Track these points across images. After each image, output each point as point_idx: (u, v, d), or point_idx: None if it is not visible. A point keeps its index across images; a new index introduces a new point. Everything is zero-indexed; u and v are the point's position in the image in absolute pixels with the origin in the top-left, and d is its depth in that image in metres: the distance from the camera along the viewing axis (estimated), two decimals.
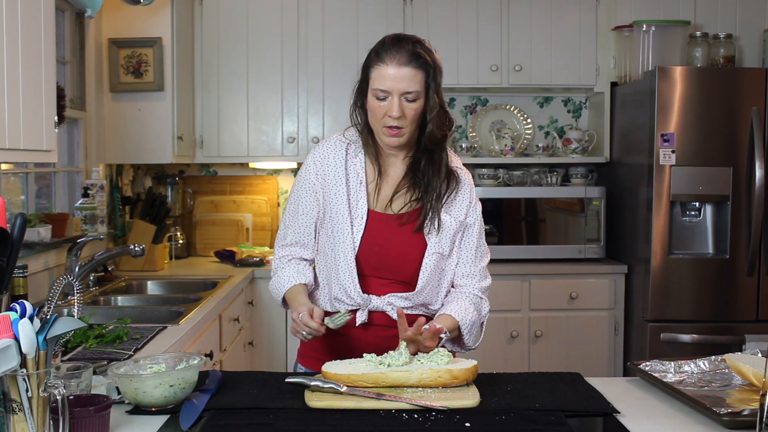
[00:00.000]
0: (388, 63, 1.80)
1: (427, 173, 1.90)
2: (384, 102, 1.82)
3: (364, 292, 1.90)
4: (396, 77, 1.79)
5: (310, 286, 1.98)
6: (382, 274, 1.91)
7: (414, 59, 1.80)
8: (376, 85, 1.82)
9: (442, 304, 1.96)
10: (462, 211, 1.95)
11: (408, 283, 1.91)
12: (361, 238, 1.90)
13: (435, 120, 1.85)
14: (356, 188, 1.93)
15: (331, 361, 1.72)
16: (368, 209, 1.92)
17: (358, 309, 1.91)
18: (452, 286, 1.99)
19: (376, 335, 1.92)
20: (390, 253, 1.90)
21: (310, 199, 1.97)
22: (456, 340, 1.93)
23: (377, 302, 1.91)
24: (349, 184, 1.93)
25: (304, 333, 1.77)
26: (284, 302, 1.99)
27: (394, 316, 1.89)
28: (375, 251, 1.90)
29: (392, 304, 1.91)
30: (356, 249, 1.89)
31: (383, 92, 1.81)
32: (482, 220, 2.00)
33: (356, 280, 1.89)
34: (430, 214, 1.90)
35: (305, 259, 2.02)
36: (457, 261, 1.96)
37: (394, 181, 1.93)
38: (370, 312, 1.92)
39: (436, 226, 1.90)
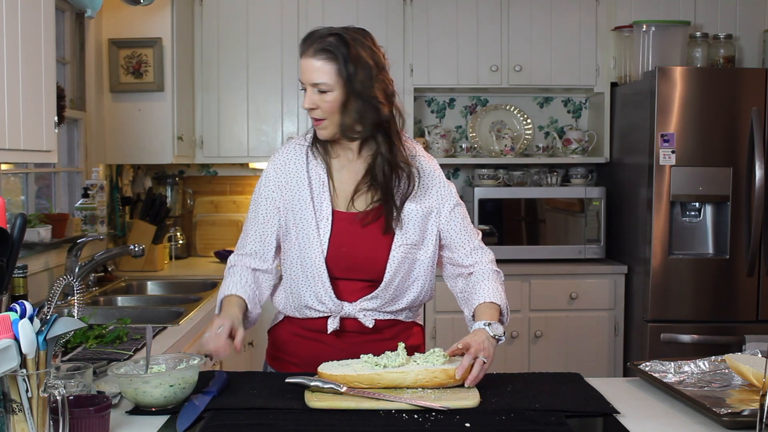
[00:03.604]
0: (301, 56, 1.83)
1: (385, 170, 1.86)
2: (304, 93, 1.84)
3: (336, 298, 1.89)
4: (305, 69, 1.82)
5: (252, 301, 1.91)
6: (352, 275, 1.89)
7: (322, 51, 1.79)
8: (299, 77, 1.86)
9: (415, 303, 1.94)
10: (431, 198, 1.92)
11: (379, 282, 1.89)
12: (329, 239, 1.88)
13: (350, 112, 1.81)
14: (319, 190, 1.91)
15: (327, 363, 1.71)
16: (333, 210, 1.90)
17: (330, 316, 1.90)
18: (455, 267, 1.96)
19: (349, 342, 1.91)
20: (358, 253, 1.88)
21: (270, 207, 1.95)
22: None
23: (349, 309, 1.89)
24: (312, 186, 1.91)
25: (210, 347, 1.69)
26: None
27: (367, 324, 1.89)
28: (343, 252, 1.88)
29: (365, 310, 1.89)
30: (325, 252, 1.88)
31: (302, 84, 1.84)
32: (460, 199, 1.98)
33: (328, 284, 1.87)
34: (394, 212, 1.88)
35: (259, 270, 1.96)
36: (450, 243, 1.94)
37: (355, 179, 1.90)
38: (342, 319, 1.90)
39: (400, 220, 1.88)
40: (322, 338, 1.92)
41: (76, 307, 1.68)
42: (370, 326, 1.89)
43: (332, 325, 1.89)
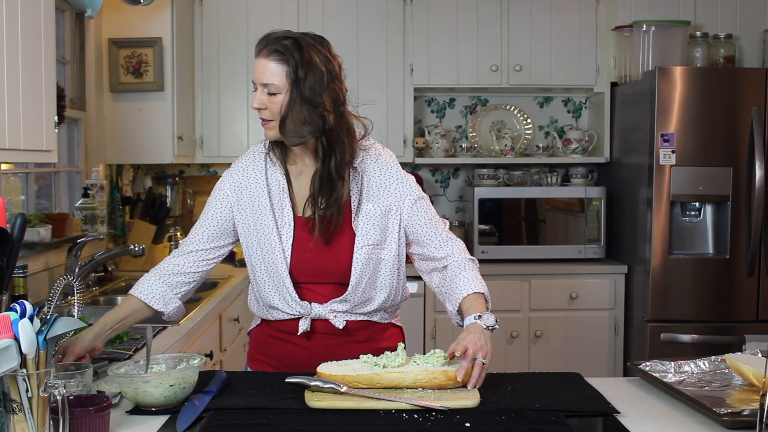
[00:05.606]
0: (256, 56, 1.83)
1: (332, 174, 1.84)
2: (255, 93, 1.84)
3: (302, 300, 1.89)
4: (257, 69, 1.81)
5: (158, 305, 1.88)
6: (319, 279, 1.89)
7: (275, 53, 1.78)
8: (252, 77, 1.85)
9: (387, 304, 1.94)
10: (389, 196, 1.91)
11: (346, 284, 1.89)
12: (291, 245, 1.88)
13: (294, 116, 1.79)
14: (279, 196, 1.90)
15: (326, 363, 1.71)
16: (294, 215, 1.90)
17: (300, 317, 1.90)
18: (428, 261, 1.94)
19: (320, 343, 1.91)
20: (322, 257, 1.88)
21: (221, 207, 1.93)
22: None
23: (319, 310, 1.89)
24: (271, 193, 1.90)
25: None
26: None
27: (337, 325, 1.89)
28: (307, 257, 1.88)
29: (335, 311, 1.89)
30: (288, 258, 1.87)
31: (253, 83, 1.84)
32: (422, 191, 1.96)
33: (292, 289, 1.87)
34: (353, 214, 1.87)
35: (188, 273, 1.92)
36: (418, 238, 1.93)
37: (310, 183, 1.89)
38: (312, 320, 1.90)
39: (359, 221, 1.88)
40: (294, 339, 1.92)
41: (76, 307, 1.68)
42: (341, 327, 1.90)
43: (303, 326, 1.89)
